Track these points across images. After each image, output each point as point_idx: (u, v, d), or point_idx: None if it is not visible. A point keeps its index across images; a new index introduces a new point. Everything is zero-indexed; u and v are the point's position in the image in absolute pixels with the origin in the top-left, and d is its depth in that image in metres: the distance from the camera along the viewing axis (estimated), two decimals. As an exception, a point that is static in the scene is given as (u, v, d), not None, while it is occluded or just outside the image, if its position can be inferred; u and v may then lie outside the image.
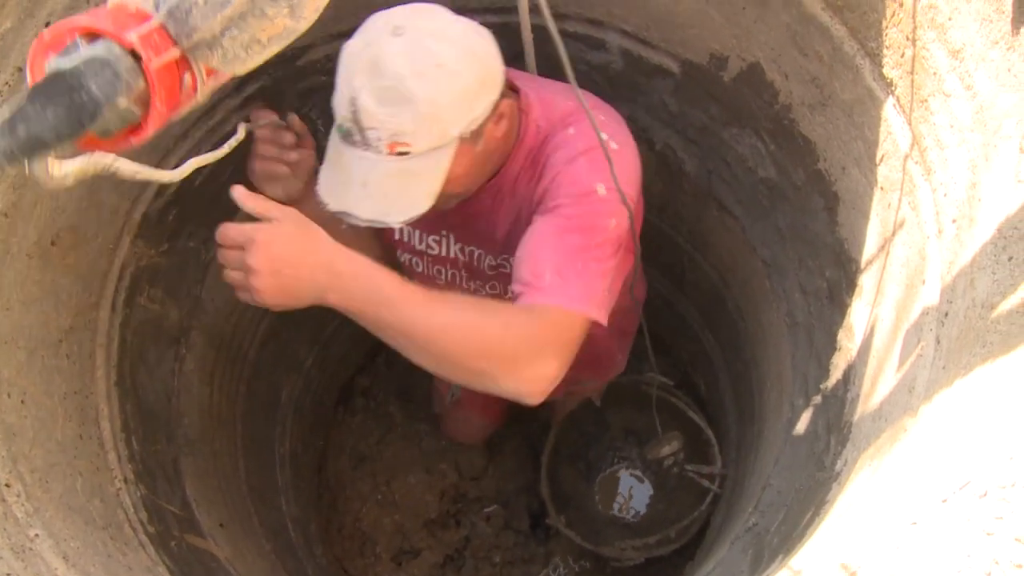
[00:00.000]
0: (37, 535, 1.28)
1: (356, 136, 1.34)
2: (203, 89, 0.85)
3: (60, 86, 0.78)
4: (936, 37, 1.32)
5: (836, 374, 1.78)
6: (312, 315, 1.66)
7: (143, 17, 0.81)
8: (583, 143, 1.49)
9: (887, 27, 1.43)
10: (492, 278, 1.79)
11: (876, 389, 1.53)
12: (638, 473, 3.15)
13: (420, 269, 1.84)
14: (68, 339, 1.59)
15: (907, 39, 1.39)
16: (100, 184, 1.62)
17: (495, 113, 1.43)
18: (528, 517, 3.18)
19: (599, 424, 3.19)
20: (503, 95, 1.45)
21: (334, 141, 1.40)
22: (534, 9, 1.69)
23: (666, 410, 2.97)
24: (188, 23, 0.79)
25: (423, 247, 1.80)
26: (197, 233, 2.02)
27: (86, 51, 0.78)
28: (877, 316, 1.60)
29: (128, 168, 0.96)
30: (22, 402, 1.40)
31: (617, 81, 2.09)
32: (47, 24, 1.40)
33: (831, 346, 1.82)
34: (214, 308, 2.18)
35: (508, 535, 3.17)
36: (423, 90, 1.30)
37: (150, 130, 0.82)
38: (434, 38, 1.33)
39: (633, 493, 3.12)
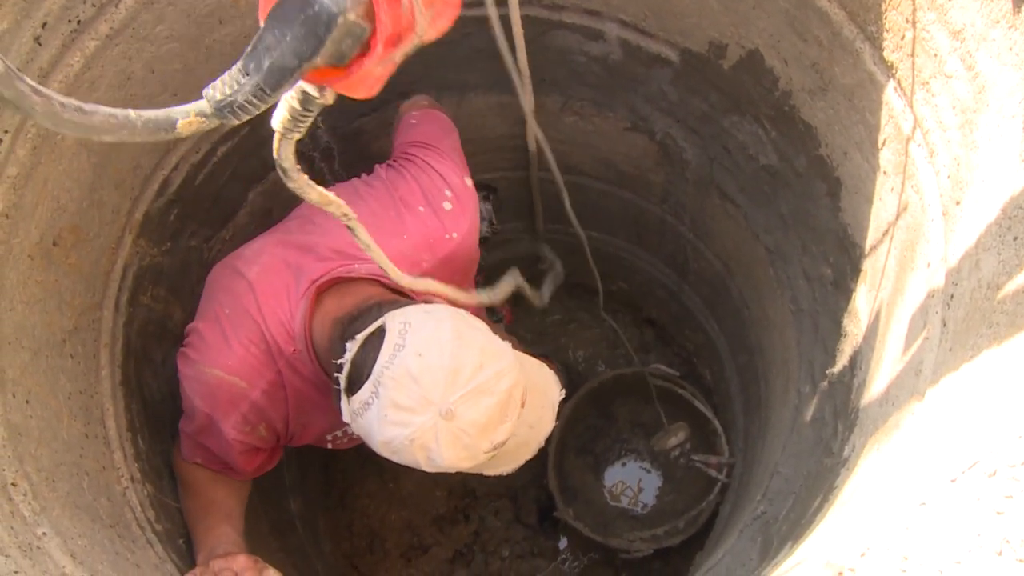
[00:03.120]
0: (44, 533, 1.28)
1: (508, 441, 1.37)
2: (422, 13, 0.84)
3: (292, 5, 0.78)
4: (936, 18, 1.31)
5: (842, 360, 1.78)
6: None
7: None
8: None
9: (887, 10, 1.42)
10: None
11: (882, 374, 1.53)
12: (646, 465, 3.15)
13: None
14: (72, 339, 1.59)
15: (907, 21, 1.38)
16: (100, 183, 1.62)
17: None
18: (536, 511, 3.18)
19: (606, 417, 3.20)
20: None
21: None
22: (502, 2, 1.70)
23: (672, 401, 2.97)
24: None
25: None
26: (199, 232, 2.02)
27: None
28: (882, 301, 1.60)
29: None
30: (27, 402, 1.40)
31: (616, 71, 2.08)
32: (44, 25, 1.40)
33: (836, 332, 1.82)
34: (218, 307, 2.18)
35: (517, 529, 3.17)
36: (505, 382, 1.32)
37: (380, 49, 0.82)
38: (463, 368, 1.30)
39: (642, 485, 3.13)
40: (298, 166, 0.98)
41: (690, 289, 2.86)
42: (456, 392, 1.28)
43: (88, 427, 1.59)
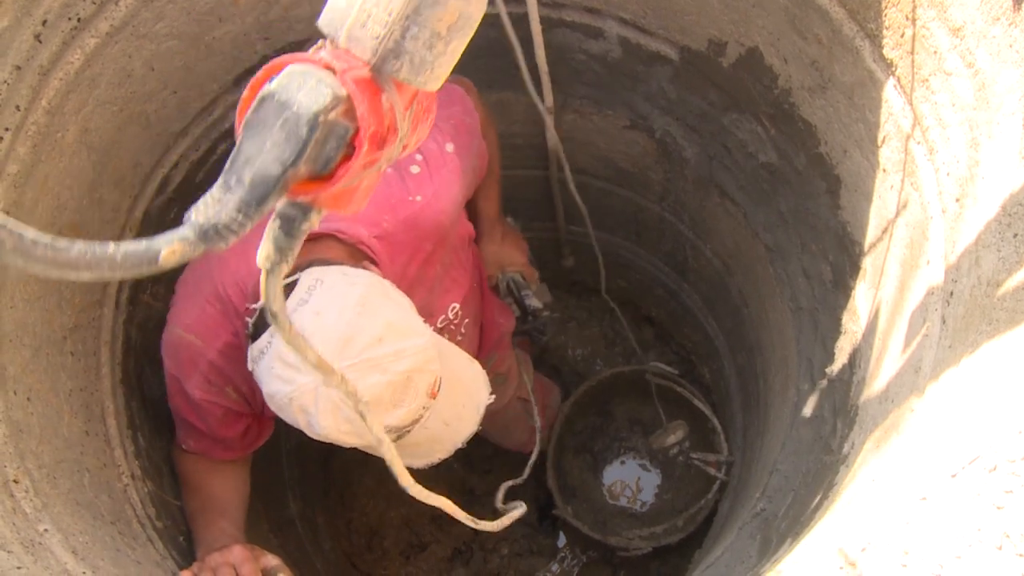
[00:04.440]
0: (46, 530, 1.28)
1: (410, 428, 1.37)
2: (402, 116, 0.82)
3: (269, 108, 0.75)
4: (936, 16, 1.32)
5: (842, 357, 1.78)
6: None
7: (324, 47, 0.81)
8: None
9: (886, 7, 1.42)
10: None
11: (882, 371, 1.53)
12: (645, 463, 3.16)
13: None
14: (72, 336, 1.59)
15: (907, 19, 1.38)
16: (101, 181, 1.62)
17: None
18: (536, 509, 3.18)
19: (604, 415, 3.20)
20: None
21: (392, 447, 1.41)
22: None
23: (671, 399, 2.97)
24: (368, 37, 0.78)
25: None
26: (199, 229, 2.02)
27: (282, 75, 0.76)
28: (882, 298, 1.60)
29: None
30: (28, 399, 1.40)
31: (616, 69, 2.09)
32: (44, 23, 1.40)
33: (836, 330, 1.82)
34: (217, 304, 2.18)
35: (516, 527, 3.17)
36: (407, 361, 1.30)
37: (365, 149, 0.78)
38: (346, 345, 1.29)
39: (641, 483, 3.13)
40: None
41: (689, 287, 2.87)
42: (344, 360, 1.26)
43: (89, 424, 1.59)
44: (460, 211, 1.78)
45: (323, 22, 0.80)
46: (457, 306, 1.85)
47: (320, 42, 0.81)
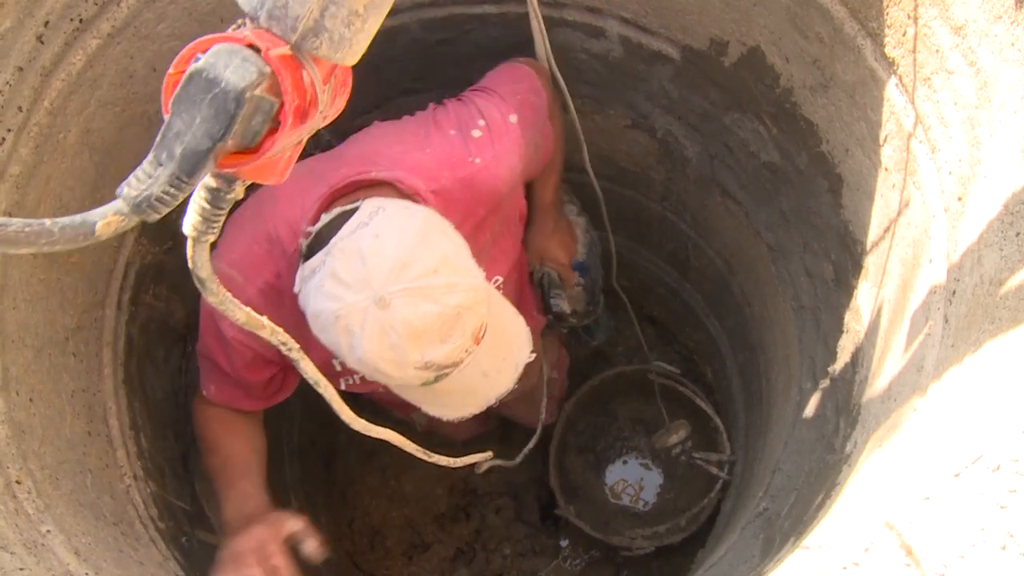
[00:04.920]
0: (49, 531, 1.28)
1: (448, 371, 1.36)
2: (322, 90, 0.85)
3: (197, 85, 0.78)
4: (938, 14, 1.31)
5: (844, 357, 1.78)
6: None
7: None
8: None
9: (888, 6, 1.42)
10: None
11: (884, 370, 1.53)
12: (647, 462, 3.15)
13: None
14: (75, 337, 1.60)
15: (908, 17, 1.38)
16: (103, 181, 1.63)
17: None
18: (538, 508, 3.18)
19: (606, 414, 3.20)
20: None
21: (427, 391, 1.41)
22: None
23: (673, 399, 2.97)
24: (288, 16, 0.81)
25: None
26: (201, 230, 2.02)
27: (209, 54, 0.79)
28: (884, 297, 1.60)
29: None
30: (31, 400, 1.40)
31: (617, 69, 2.08)
32: (46, 24, 1.41)
33: (838, 329, 1.82)
34: (219, 305, 2.18)
35: (518, 527, 3.17)
36: (458, 295, 1.31)
37: (289, 123, 0.82)
38: (403, 268, 1.29)
39: (643, 483, 3.13)
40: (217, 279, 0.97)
41: (691, 287, 2.86)
42: (398, 284, 1.27)
43: (91, 425, 1.59)
44: (517, 184, 1.78)
45: (243, 1, 0.83)
46: (501, 279, 1.84)
47: (240, 21, 0.84)
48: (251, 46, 0.80)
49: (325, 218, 1.40)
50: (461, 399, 1.45)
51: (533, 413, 2.80)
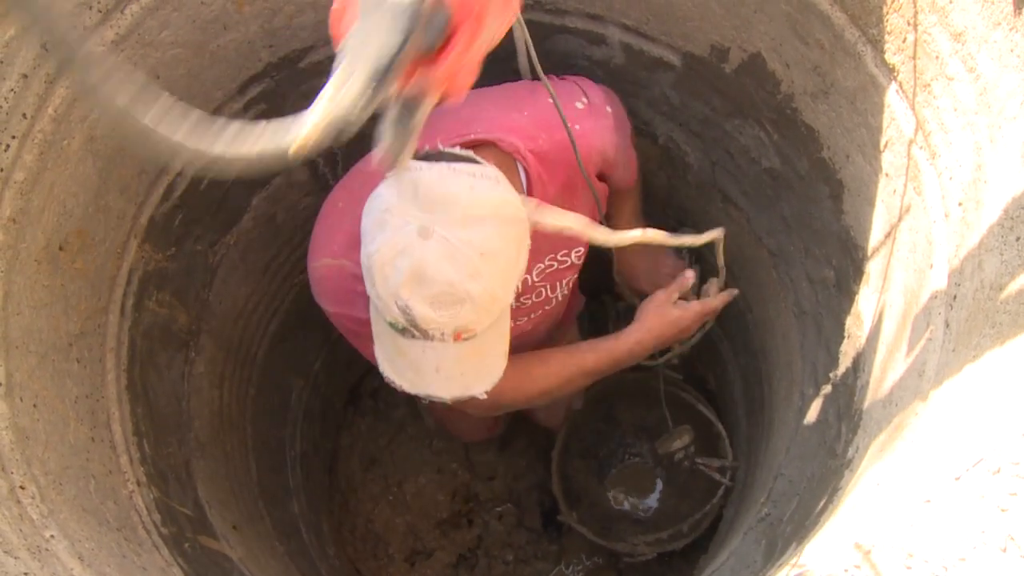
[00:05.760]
0: (52, 536, 1.28)
1: (415, 333, 1.33)
2: (487, 4, 0.87)
3: (370, 2, 0.81)
4: (937, 21, 1.32)
5: (845, 362, 1.78)
6: (318, 318, 1.67)
7: None
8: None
9: (888, 13, 1.43)
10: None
11: (886, 375, 1.53)
12: (649, 468, 3.15)
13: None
14: (78, 343, 1.60)
15: (908, 24, 1.39)
16: (106, 188, 1.63)
17: None
18: (540, 515, 3.18)
19: (609, 420, 3.19)
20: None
21: (387, 332, 1.38)
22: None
23: (675, 404, 2.96)
24: None
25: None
26: (204, 236, 2.03)
27: None
28: (885, 303, 1.60)
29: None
30: (34, 406, 1.41)
31: (618, 75, 2.09)
32: (51, 30, 1.41)
33: (839, 334, 1.82)
34: (222, 311, 2.19)
35: (520, 533, 3.17)
36: (477, 287, 1.28)
37: (463, 34, 0.84)
38: (465, 226, 1.28)
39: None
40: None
41: (693, 293, 2.86)
42: (449, 231, 1.27)
43: (94, 431, 1.60)
44: (603, 167, 1.80)
45: None
46: (582, 250, 1.83)
47: None
48: None
49: None
50: (407, 369, 1.40)
51: (553, 416, 2.81)
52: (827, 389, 1.85)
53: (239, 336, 2.33)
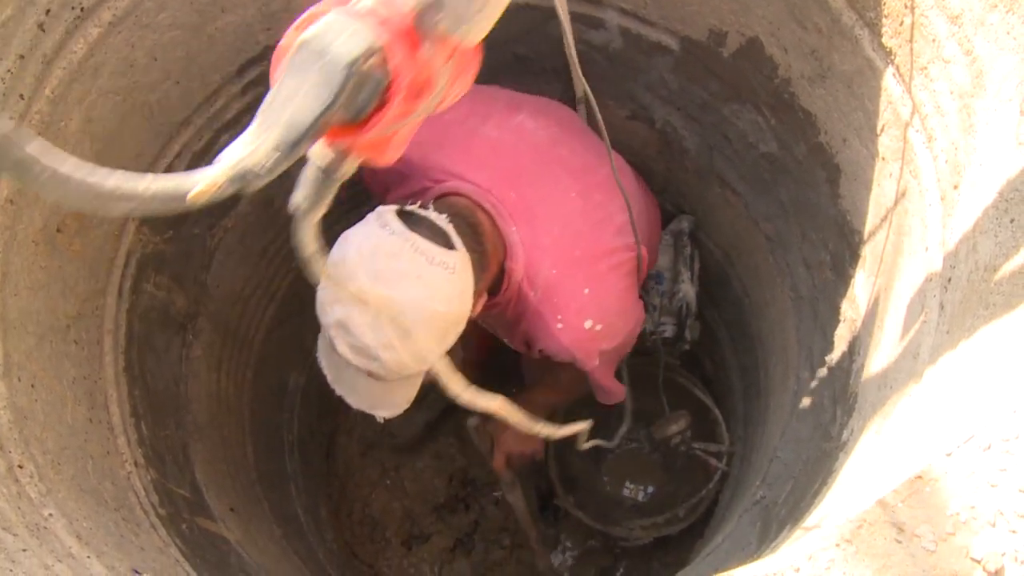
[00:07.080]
0: (51, 515, 1.29)
1: (349, 362, 1.44)
2: (439, 70, 0.83)
3: (307, 54, 0.77)
4: (935, 3, 1.32)
5: (841, 345, 1.79)
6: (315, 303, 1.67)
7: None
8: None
9: (885, -4, 1.43)
10: None
11: (881, 357, 1.54)
12: (646, 452, 3.16)
13: None
14: (76, 325, 1.60)
15: (906, 7, 1.39)
16: (104, 170, 1.63)
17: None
18: (537, 499, 3.19)
19: (606, 405, 3.19)
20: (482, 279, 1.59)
21: (324, 338, 1.50)
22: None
23: (672, 389, 2.97)
24: None
25: None
26: (201, 220, 2.03)
27: (322, 23, 0.78)
28: (881, 286, 1.61)
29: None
30: (32, 386, 1.41)
31: (617, 60, 2.09)
32: (47, 12, 1.41)
33: (835, 318, 1.83)
34: (220, 295, 2.19)
35: (517, 518, 3.17)
36: (389, 356, 1.39)
37: (399, 100, 0.80)
38: (395, 310, 1.37)
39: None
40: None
41: (690, 278, 2.86)
42: (364, 275, 1.37)
43: (92, 412, 1.60)
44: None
45: None
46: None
47: None
48: (369, 16, 0.79)
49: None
50: (331, 368, 1.52)
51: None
52: (823, 373, 1.85)
53: (237, 320, 2.33)
